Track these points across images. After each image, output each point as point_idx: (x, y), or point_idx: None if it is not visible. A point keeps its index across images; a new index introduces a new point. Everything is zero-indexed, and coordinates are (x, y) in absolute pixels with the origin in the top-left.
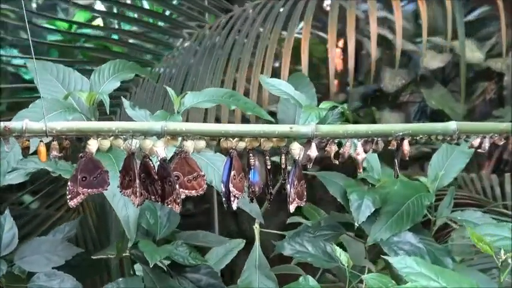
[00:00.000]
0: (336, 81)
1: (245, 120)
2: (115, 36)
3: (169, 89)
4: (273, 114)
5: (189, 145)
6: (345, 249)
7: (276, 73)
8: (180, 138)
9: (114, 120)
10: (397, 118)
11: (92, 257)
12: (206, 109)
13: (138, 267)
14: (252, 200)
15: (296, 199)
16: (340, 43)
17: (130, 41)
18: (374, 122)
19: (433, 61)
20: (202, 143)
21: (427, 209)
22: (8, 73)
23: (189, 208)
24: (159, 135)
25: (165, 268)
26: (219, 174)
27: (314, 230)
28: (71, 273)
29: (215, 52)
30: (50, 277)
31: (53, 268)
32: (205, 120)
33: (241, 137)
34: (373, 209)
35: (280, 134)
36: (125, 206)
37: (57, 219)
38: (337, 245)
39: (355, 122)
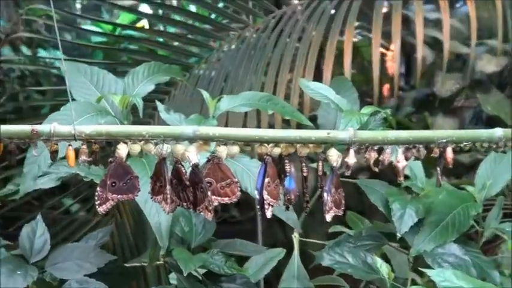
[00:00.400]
0: (386, 86)
1: (288, 126)
2: (160, 39)
3: (204, 92)
4: (316, 119)
5: (222, 150)
6: (388, 261)
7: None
8: (213, 144)
9: (153, 125)
10: (451, 124)
11: (126, 264)
12: (246, 113)
13: (173, 275)
14: (287, 208)
15: (333, 208)
16: (393, 46)
17: (175, 43)
18: (427, 127)
19: (489, 65)
20: (235, 149)
21: (474, 220)
22: (51, 75)
23: (235, 215)
24: (191, 140)
25: (200, 277)
26: (255, 181)
27: (355, 240)
28: (103, 281)
29: (255, 54)
30: (82, 284)
31: (84, 275)
32: (244, 125)
33: (276, 142)
34: (416, 219)
35: (317, 140)
36: (157, 213)
37: (96, 224)
38: (380, 256)
39: (407, 128)
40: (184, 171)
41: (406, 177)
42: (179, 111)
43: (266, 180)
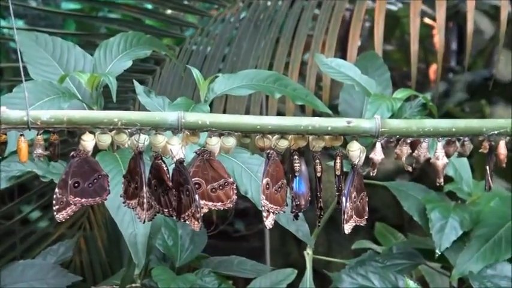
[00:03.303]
0: (433, 66)
1: (303, 115)
2: (148, 5)
3: (194, 70)
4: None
5: (215, 143)
6: (425, 284)
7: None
8: (203, 135)
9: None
10: None
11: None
12: (250, 98)
13: None
14: (296, 217)
15: (354, 216)
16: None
17: (167, 11)
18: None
19: None
20: (231, 141)
21: None
22: (10, 50)
23: (239, 229)
24: (175, 129)
25: None
26: (258, 183)
27: (384, 258)
28: None
29: (263, 25)
30: None
31: None
32: (248, 113)
33: (282, 133)
34: (460, 232)
35: (335, 131)
36: (133, 222)
37: (59, 237)
38: (416, 279)
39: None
40: (166, 169)
41: (450, 179)
42: (167, 95)
43: (265, 181)
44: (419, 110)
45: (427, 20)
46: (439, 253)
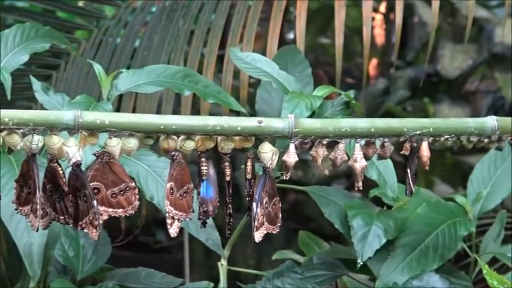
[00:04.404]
0: (374, 61)
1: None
2: None
3: (96, 66)
4: None
5: (115, 144)
6: None
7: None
8: (103, 135)
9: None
10: (461, 114)
11: None
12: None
13: None
14: (203, 224)
15: (265, 223)
16: (382, 7)
17: (79, 3)
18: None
19: None
20: (132, 142)
21: (465, 242)
22: None
23: (161, 240)
24: (72, 129)
25: None
26: (164, 188)
27: (303, 269)
28: None
29: (177, 14)
30: None
31: None
32: (158, 112)
33: (189, 133)
34: (384, 241)
35: (245, 131)
36: (27, 230)
37: None
38: None
39: None
40: (62, 172)
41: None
42: (72, 92)
43: (168, 185)
44: (342, 109)
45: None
46: (361, 263)
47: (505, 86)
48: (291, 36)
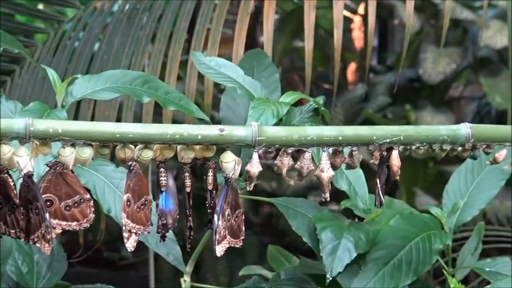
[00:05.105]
0: (352, 66)
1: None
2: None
3: (49, 71)
4: None
5: (68, 154)
6: None
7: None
8: (56, 145)
9: None
10: (445, 121)
11: None
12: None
13: None
14: (163, 238)
15: (228, 237)
16: (361, 8)
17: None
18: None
19: (499, 36)
20: (87, 152)
21: (440, 256)
22: None
23: (127, 256)
24: (23, 138)
25: None
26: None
27: (270, 285)
28: None
29: (139, 16)
30: None
31: None
32: (119, 120)
33: (147, 142)
34: (355, 254)
35: (206, 139)
36: None
37: None
38: None
39: None
40: (13, 184)
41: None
42: (27, 99)
43: (125, 197)
44: (311, 116)
45: (344, 13)
46: (330, 278)
47: (490, 92)
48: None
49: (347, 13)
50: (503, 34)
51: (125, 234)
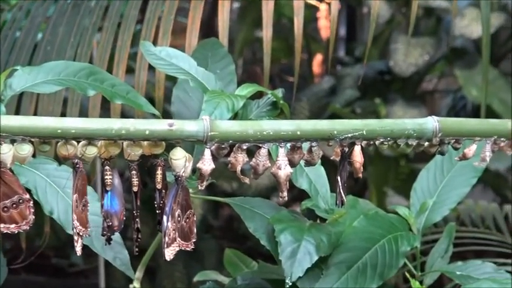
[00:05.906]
0: (318, 57)
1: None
2: None
3: None
4: None
5: (6, 151)
6: None
7: None
8: None
9: None
10: (418, 116)
11: None
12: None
13: None
14: (108, 241)
15: (178, 239)
16: None
17: None
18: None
19: (475, 25)
20: (26, 149)
21: (408, 259)
22: None
23: (77, 263)
24: None
25: None
26: (66, 200)
27: None
28: None
29: (85, 4)
30: None
31: None
32: (64, 115)
33: (90, 138)
34: (316, 258)
35: (154, 135)
36: None
37: None
38: None
39: None
40: None
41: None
42: None
43: (74, 197)
44: (269, 110)
45: (310, 1)
46: (290, 283)
47: (466, 85)
48: None
49: (313, 1)
50: (479, 23)
51: (75, 237)
